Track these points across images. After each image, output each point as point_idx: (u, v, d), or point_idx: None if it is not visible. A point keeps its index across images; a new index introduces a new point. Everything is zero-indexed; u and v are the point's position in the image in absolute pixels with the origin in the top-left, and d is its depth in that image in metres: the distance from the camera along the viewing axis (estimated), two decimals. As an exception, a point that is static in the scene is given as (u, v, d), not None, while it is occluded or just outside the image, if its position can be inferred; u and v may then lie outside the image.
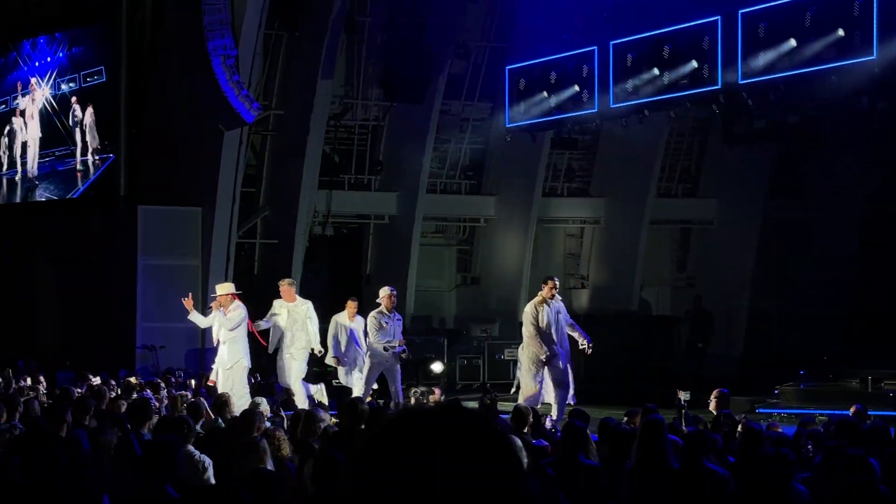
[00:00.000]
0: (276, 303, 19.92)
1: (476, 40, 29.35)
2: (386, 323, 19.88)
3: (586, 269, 31.78)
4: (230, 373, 18.53)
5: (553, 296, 18.73)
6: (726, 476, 8.85)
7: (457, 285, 32.05)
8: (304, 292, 27.05)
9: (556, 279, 19.29)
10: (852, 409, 13.82)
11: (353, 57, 29.19)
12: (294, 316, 19.74)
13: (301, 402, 18.68)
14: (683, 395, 13.37)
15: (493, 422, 2.39)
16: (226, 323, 18.64)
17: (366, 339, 20.11)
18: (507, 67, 25.16)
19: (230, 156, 26.08)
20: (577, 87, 23.19)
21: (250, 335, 19.11)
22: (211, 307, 19.14)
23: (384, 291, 20.27)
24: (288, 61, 28.00)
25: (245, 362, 18.72)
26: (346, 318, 20.54)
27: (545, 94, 23.91)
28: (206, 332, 26.41)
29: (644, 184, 30.13)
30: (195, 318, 19.28)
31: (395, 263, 29.37)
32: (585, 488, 9.22)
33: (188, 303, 18.92)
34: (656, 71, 21.58)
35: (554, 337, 18.51)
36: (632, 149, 29.74)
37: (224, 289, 19.25)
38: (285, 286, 20.03)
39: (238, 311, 18.81)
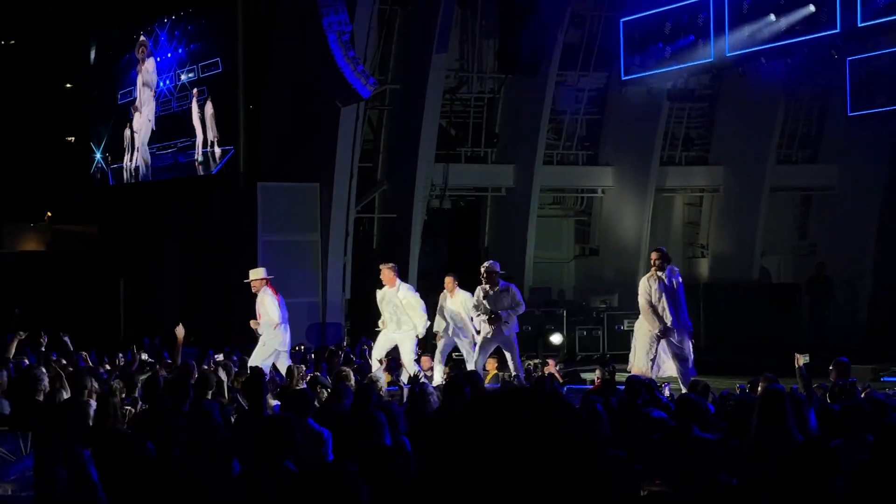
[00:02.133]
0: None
1: (590, 9, 29.17)
2: (484, 296, 19.66)
3: (706, 238, 31.53)
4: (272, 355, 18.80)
5: (658, 266, 18.41)
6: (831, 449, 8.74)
7: (575, 256, 31.97)
8: (423, 266, 27.28)
9: (658, 250, 18.90)
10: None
11: (467, 30, 29.20)
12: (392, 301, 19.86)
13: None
14: (803, 359, 13.13)
15: (568, 416, 2.37)
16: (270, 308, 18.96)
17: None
18: (622, 20, 24.90)
19: (347, 131, 26.25)
20: (692, 37, 22.84)
21: None
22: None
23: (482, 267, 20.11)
24: (402, 36, 28.07)
25: (278, 347, 19.00)
26: (446, 296, 20.42)
27: (660, 44, 23.60)
28: (328, 307, 26.80)
29: (763, 150, 29.79)
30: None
31: (513, 235, 29.37)
32: (700, 462, 9.15)
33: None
34: (773, 17, 21.21)
35: (668, 310, 18.20)
36: (750, 115, 29.45)
37: (256, 274, 19.45)
38: (386, 270, 20.10)
39: (266, 298, 19.10)
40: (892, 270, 29.07)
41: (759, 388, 12.84)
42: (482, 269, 19.79)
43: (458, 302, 20.09)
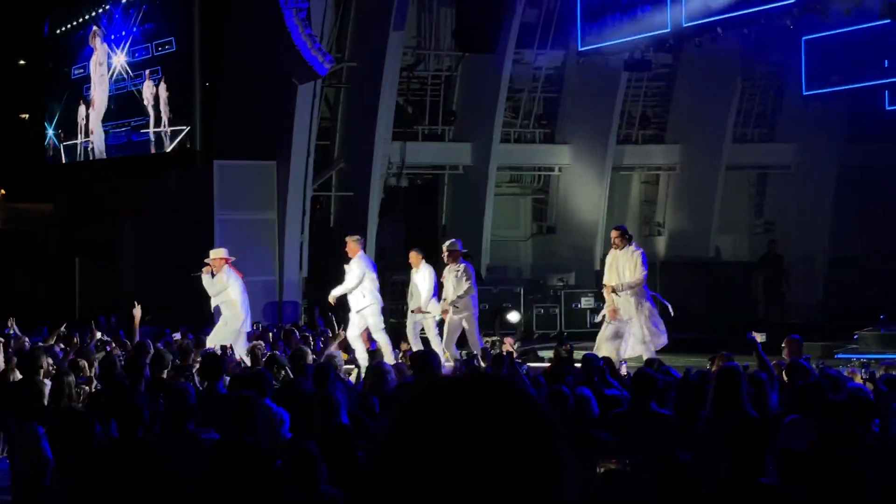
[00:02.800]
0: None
1: (548, -12, 29.17)
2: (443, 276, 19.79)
3: (662, 216, 31.63)
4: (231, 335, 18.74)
5: (617, 245, 18.62)
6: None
7: (532, 234, 32.02)
8: (381, 244, 27.26)
9: (616, 229, 19.16)
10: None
11: (425, 7, 29.15)
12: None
13: (387, 354, 18.76)
14: (759, 337, 13.21)
15: (526, 402, 2.33)
16: (210, 287, 18.97)
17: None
18: (579, -10, 24.76)
19: (304, 109, 26.17)
20: (649, 7, 22.73)
21: None
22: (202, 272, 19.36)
23: None
24: (359, 13, 27.96)
25: (238, 327, 18.98)
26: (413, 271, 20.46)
27: (617, 14, 23.48)
28: (285, 286, 26.74)
29: (720, 129, 29.90)
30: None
31: (471, 214, 29.37)
32: (658, 437, 9.19)
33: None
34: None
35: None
36: (706, 94, 29.55)
37: (217, 254, 19.41)
38: (351, 242, 20.08)
39: (222, 276, 19.08)
40: (847, 248, 29.29)
41: (714, 366, 12.91)
42: (444, 248, 19.83)
43: (420, 277, 20.12)
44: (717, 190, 30.08)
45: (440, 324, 19.98)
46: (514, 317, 26.21)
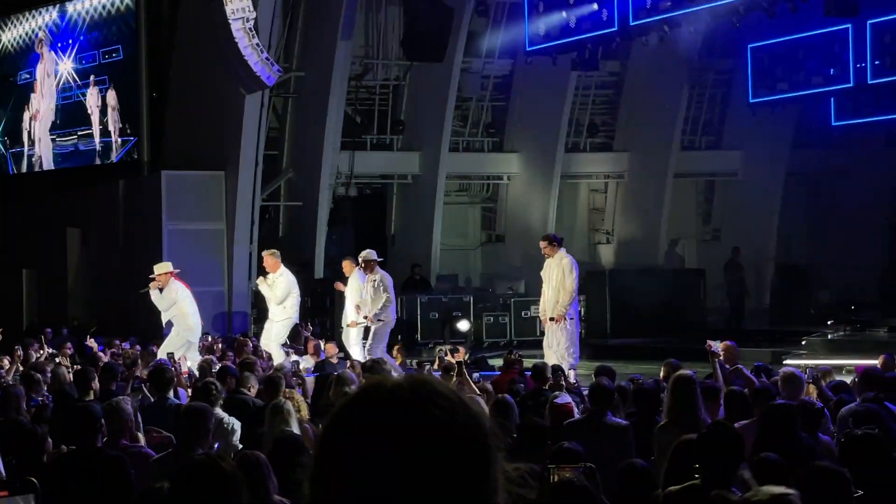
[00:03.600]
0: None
1: (495, -4, 29.22)
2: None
3: (611, 224, 31.73)
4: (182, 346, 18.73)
5: (547, 254, 18.63)
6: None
7: (482, 243, 32.03)
8: (330, 254, 27.19)
9: (544, 238, 19.17)
10: (880, 360, 13.73)
11: (373, 16, 29.13)
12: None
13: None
14: (715, 345, 13.21)
15: (460, 403, 2.30)
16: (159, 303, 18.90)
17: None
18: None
19: (252, 119, 26.06)
20: (595, 6, 22.68)
21: None
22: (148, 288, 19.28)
23: None
24: (307, 23, 27.91)
25: (189, 338, 18.97)
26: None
27: (564, 13, 23.43)
28: (234, 296, 26.63)
29: (667, 137, 30.03)
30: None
31: (420, 223, 29.36)
32: (614, 447, 9.20)
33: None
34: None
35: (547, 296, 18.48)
36: (654, 102, 29.68)
37: (162, 268, 19.36)
38: (267, 256, 20.22)
39: (171, 290, 19.05)
40: (795, 254, 29.48)
41: (663, 373, 12.91)
42: (360, 258, 19.88)
43: (352, 285, 20.23)
44: (665, 197, 30.19)
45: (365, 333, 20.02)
46: (463, 325, 26.21)
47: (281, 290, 19.98)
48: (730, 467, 6.85)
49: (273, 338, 19.94)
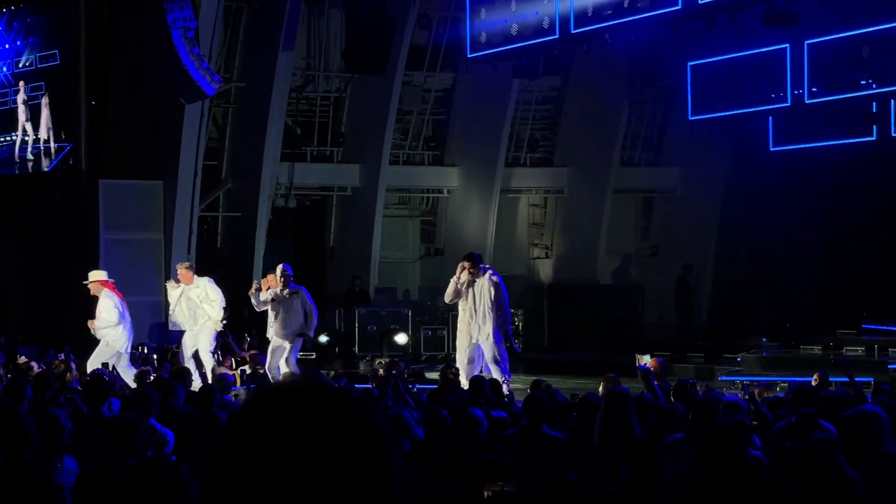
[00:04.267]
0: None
1: (437, 10, 29.24)
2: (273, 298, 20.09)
3: (550, 239, 31.80)
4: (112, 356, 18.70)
5: (474, 274, 18.58)
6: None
7: (421, 256, 32.02)
8: (268, 265, 27.10)
9: (468, 258, 19.11)
10: (815, 378, 13.81)
11: (314, 28, 29.08)
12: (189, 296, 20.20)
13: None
14: (644, 359, 13.26)
15: (351, 399, 2.33)
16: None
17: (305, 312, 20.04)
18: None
19: (191, 129, 25.96)
20: (537, 12, 22.66)
21: None
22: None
23: None
24: (249, 33, 27.85)
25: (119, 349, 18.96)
26: None
27: (506, 20, 23.40)
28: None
29: (607, 153, 30.14)
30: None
31: (359, 235, 29.32)
32: (550, 460, 9.21)
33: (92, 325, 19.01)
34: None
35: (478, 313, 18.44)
36: (594, 118, 29.80)
37: (95, 276, 19.38)
38: (183, 269, 20.38)
39: (105, 301, 19.07)
40: (731, 271, 29.66)
41: (602, 388, 12.93)
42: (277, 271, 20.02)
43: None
44: (604, 213, 30.29)
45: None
46: (401, 338, 26.20)
47: (214, 292, 20.14)
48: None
49: (202, 344, 19.97)
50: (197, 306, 20.13)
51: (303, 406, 2.29)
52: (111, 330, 18.98)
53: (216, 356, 20.40)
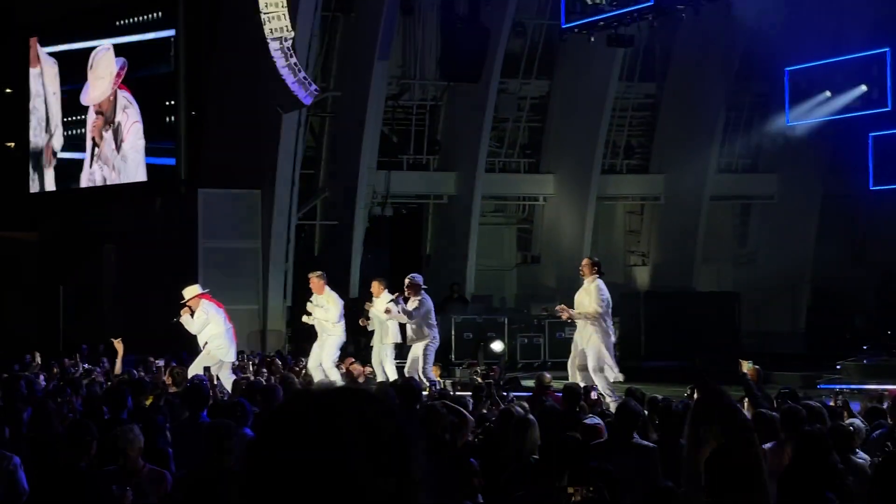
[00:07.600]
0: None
1: (532, 17, 29.26)
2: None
3: (647, 246, 31.66)
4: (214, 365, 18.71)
5: (583, 274, 18.56)
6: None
7: (517, 264, 32.01)
8: (365, 273, 27.23)
9: (587, 258, 19.09)
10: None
11: (410, 37, 29.21)
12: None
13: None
14: (746, 365, 13.17)
15: (386, 404, 2.37)
16: (190, 327, 18.84)
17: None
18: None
19: (289, 138, 26.20)
20: None
21: None
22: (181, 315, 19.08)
23: None
24: (345, 43, 28.04)
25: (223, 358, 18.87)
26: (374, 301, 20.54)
27: None
28: (269, 315, 26.70)
29: (704, 159, 29.94)
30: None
31: (455, 243, 29.38)
32: (641, 469, 9.19)
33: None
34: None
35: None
36: (690, 124, 29.63)
37: (190, 292, 19.15)
38: (314, 279, 20.17)
39: (202, 312, 18.91)
40: (830, 278, 29.32)
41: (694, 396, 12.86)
42: (406, 281, 19.86)
43: (379, 305, 20.18)
44: (700, 220, 30.08)
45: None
46: (497, 346, 26.16)
47: (334, 312, 19.96)
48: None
49: (325, 357, 19.86)
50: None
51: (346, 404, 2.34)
52: (214, 339, 18.96)
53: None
